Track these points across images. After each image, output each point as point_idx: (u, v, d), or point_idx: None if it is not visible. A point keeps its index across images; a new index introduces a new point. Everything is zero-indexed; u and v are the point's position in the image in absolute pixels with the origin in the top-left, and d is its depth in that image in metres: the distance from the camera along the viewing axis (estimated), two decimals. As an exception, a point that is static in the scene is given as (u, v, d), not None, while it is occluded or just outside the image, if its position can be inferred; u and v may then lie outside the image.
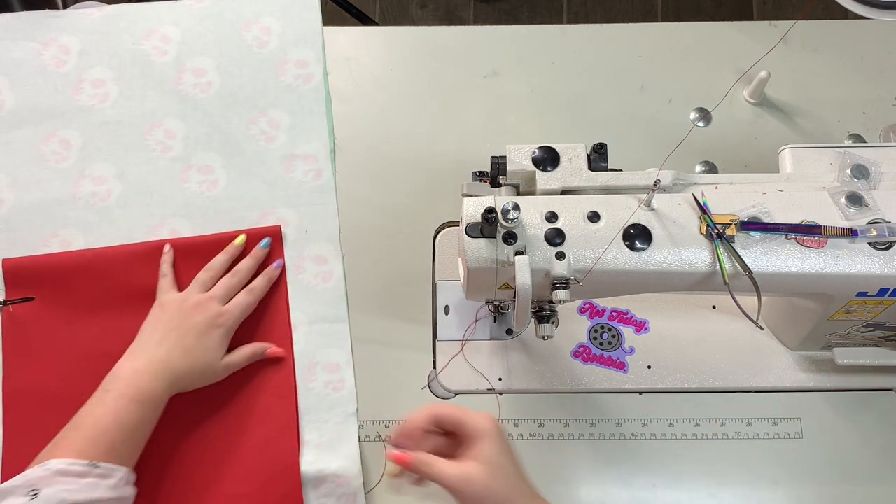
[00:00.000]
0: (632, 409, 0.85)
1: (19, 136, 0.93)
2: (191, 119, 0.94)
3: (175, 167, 0.93)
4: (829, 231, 0.69)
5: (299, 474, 0.81)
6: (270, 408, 0.84)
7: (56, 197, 0.91)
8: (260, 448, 0.82)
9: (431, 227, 0.92)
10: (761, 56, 0.83)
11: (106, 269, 0.87)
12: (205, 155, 0.93)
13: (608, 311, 0.88)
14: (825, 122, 0.95)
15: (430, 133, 0.96)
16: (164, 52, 0.97)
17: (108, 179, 0.92)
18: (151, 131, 0.94)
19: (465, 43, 1.01)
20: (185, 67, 0.96)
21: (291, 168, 0.93)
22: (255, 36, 0.98)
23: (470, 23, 1.90)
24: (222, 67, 0.96)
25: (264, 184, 0.92)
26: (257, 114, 0.95)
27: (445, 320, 0.88)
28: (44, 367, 0.85)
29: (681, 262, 0.69)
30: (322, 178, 0.93)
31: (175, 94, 0.95)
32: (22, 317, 0.86)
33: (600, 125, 0.96)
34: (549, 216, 0.70)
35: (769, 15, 1.89)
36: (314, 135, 0.94)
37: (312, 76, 0.96)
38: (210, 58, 0.97)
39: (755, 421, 0.84)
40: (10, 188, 0.91)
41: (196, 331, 0.81)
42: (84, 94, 0.95)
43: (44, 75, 0.95)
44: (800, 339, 0.83)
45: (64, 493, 0.68)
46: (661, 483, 0.82)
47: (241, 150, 0.94)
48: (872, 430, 0.83)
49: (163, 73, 0.96)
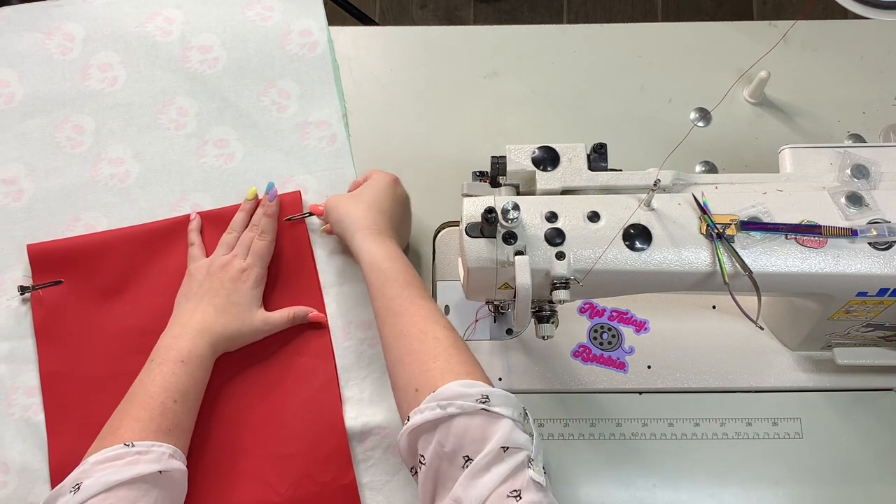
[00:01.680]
0: (632, 409, 0.85)
1: (32, 126, 0.94)
2: (201, 95, 0.96)
3: (191, 143, 0.94)
4: (829, 231, 0.69)
5: (345, 430, 0.82)
6: (310, 369, 0.85)
7: (75, 182, 0.92)
8: (303, 408, 0.84)
9: (431, 227, 0.92)
10: (761, 56, 0.83)
11: (131, 248, 0.89)
12: (219, 129, 0.95)
13: (608, 311, 0.88)
14: (825, 122, 0.95)
15: (430, 133, 0.96)
16: (169, 33, 0.97)
17: (126, 161, 0.93)
18: (164, 110, 0.95)
19: (465, 43, 1.01)
20: (191, 45, 0.97)
21: (306, 135, 0.95)
22: (258, 12, 0.99)
23: (470, 23, 1.90)
24: (227, 43, 0.97)
25: (280, 153, 0.94)
26: (266, 85, 0.96)
27: (445, 320, 0.88)
28: (78, 348, 0.86)
29: (681, 262, 0.69)
30: (337, 142, 0.95)
31: (183, 73, 0.96)
32: (52, 301, 0.87)
33: (600, 125, 0.96)
34: (549, 216, 0.70)
35: (769, 15, 1.89)
36: (325, 101, 0.96)
37: (317, 44, 0.98)
38: (214, 34, 0.98)
39: (755, 421, 0.84)
40: (29, 177, 0.92)
41: (225, 289, 0.83)
42: (93, 80, 0.96)
43: (50, 64, 0.96)
44: (800, 339, 0.83)
45: (104, 477, 0.68)
46: (661, 483, 0.82)
47: (254, 122, 0.95)
48: (872, 430, 0.83)
49: (169, 52, 0.97)
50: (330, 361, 0.85)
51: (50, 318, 0.86)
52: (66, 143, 0.94)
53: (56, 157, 0.93)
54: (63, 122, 0.94)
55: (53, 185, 0.92)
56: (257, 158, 0.94)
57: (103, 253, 0.88)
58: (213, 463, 0.81)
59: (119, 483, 0.68)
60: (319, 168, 0.93)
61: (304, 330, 0.87)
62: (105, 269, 0.88)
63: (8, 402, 0.84)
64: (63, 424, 0.83)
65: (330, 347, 0.86)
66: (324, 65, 0.97)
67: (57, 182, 0.92)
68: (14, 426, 0.83)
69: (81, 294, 0.87)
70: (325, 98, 0.96)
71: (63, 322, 0.87)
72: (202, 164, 0.93)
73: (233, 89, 0.96)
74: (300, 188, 0.92)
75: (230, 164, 0.93)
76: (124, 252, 0.89)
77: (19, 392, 0.85)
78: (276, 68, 0.97)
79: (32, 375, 0.85)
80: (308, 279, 0.89)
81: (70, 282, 0.88)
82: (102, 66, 0.96)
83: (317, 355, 0.86)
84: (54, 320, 0.87)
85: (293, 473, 0.81)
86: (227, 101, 0.95)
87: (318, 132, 0.95)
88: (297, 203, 0.91)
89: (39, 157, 0.93)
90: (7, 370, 0.86)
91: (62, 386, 0.85)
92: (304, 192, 0.92)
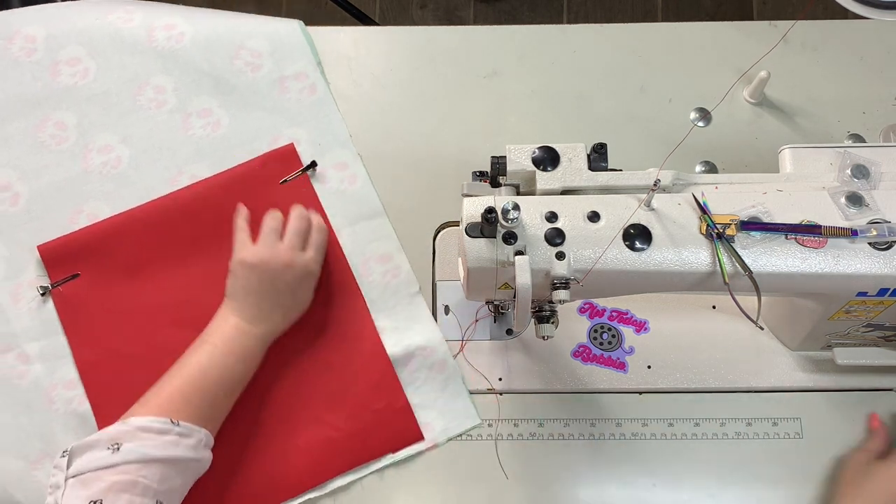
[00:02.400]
0: (632, 409, 0.85)
1: (13, 130, 0.94)
2: (175, 71, 0.96)
3: (175, 119, 0.95)
4: (829, 231, 0.69)
5: (388, 357, 0.85)
6: (342, 309, 0.88)
7: (67, 176, 0.92)
8: (344, 347, 0.87)
9: (431, 227, 0.92)
10: (761, 56, 0.83)
11: (140, 227, 0.90)
12: (200, 100, 0.95)
13: (608, 311, 0.88)
14: (825, 122, 0.95)
15: (430, 133, 0.96)
16: (130, 21, 0.98)
17: (115, 147, 0.94)
18: (141, 92, 0.95)
19: (465, 43, 1.01)
20: (154, 26, 0.97)
21: (285, 90, 0.96)
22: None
23: (470, 23, 1.90)
24: (190, 19, 0.98)
25: (264, 111, 0.95)
26: (237, 48, 0.97)
27: (445, 320, 0.88)
28: (109, 335, 0.87)
29: (681, 262, 0.69)
30: (318, 91, 0.96)
31: (152, 52, 0.96)
32: (73, 295, 0.88)
33: (600, 125, 0.96)
34: (549, 216, 0.70)
35: (769, 15, 1.89)
36: (297, 52, 0.97)
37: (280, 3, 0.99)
38: (176, 13, 0.98)
39: (755, 421, 0.84)
40: (22, 181, 0.92)
41: (290, 289, 0.84)
42: (63, 75, 0.96)
43: (17, 67, 0.96)
44: (800, 339, 0.83)
45: (144, 448, 0.69)
46: (661, 483, 0.82)
47: (232, 86, 0.96)
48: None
49: (134, 36, 0.97)
50: (359, 298, 0.88)
51: (75, 311, 0.88)
52: (50, 141, 0.94)
53: (44, 156, 0.93)
54: (43, 121, 0.94)
55: (47, 183, 0.92)
56: (243, 121, 0.94)
57: (114, 238, 0.89)
58: (269, 414, 0.84)
59: (156, 459, 0.69)
60: (306, 119, 0.95)
61: (328, 276, 0.89)
62: (119, 253, 0.89)
63: (50, 399, 0.85)
64: (110, 408, 0.84)
65: (356, 285, 0.89)
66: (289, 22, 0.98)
67: (50, 180, 0.92)
68: (62, 420, 0.85)
69: (101, 282, 0.88)
70: (296, 49, 0.97)
71: (89, 312, 0.88)
72: (191, 137, 0.94)
73: (204, 59, 0.96)
74: (292, 141, 0.93)
75: (218, 132, 0.94)
76: (134, 232, 0.90)
77: (59, 387, 0.86)
78: (242, 31, 0.97)
79: (69, 369, 0.86)
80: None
81: (87, 273, 0.89)
82: (71, 61, 0.96)
83: (344, 294, 0.88)
84: (80, 312, 0.88)
85: (348, 408, 0.84)
86: (202, 71, 0.96)
87: (297, 84, 0.96)
88: (293, 155, 0.92)
89: (27, 158, 0.93)
90: (43, 369, 0.86)
91: (101, 372, 0.86)
92: (297, 144, 0.93)
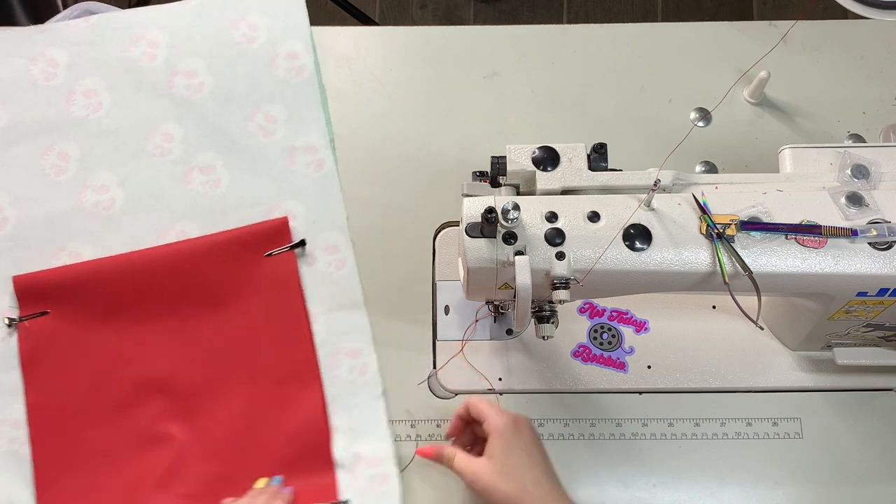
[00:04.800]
0: (632, 409, 0.85)
1: (16, 153, 0.92)
2: (187, 121, 0.94)
3: (177, 170, 0.92)
4: (829, 231, 0.69)
5: (332, 459, 0.82)
6: (297, 398, 0.84)
7: (60, 210, 0.90)
8: (290, 438, 0.83)
9: (431, 227, 0.92)
10: (761, 56, 0.84)
11: (118, 277, 0.87)
12: (205, 155, 0.93)
13: (608, 311, 0.88)
14: (825, 122, 0.95)
15: (430, 133, 0.96)
16: (154, 57, 0.96)
17: (111, 188, 0.92)
18: (149, 136, 0.93)
19: (465, 43, 1.01)
20: (177, 70, 0.96)
21: (293, 161, 0.93)
22: (243, 33, 0.97)
23: (470, 23, 1.90)
24: (213, 67, 0.96)
25: (268, 178, 0.92)
26: (253, 110, 0.95)
27: (445, 320, 0.88)
28: (65, 380, 0.84)
29: (681, 262, 0.69)
30: (324, 168, 0.93)
31: (169, 98, 0.95)
32: (38, 332, 0.85)
33: (600, 125, 0.96)
34: (549, 216, 0.70)
35: (769, 15, 1.89)
36: (312, 125, 0.95)
37: (304, 68, 0.96)
38: (200, 58, 0.96)
39: (755, 421, 0.84)
40: (13, 206, 0.91)
41: None
42: (77, 105, 0.94)
43: (34, 90, 0.94)
44: (800, 339, 0.83)
45: None
46: (661, 483, 0.82)
47: (240, 147, 0.93)
48: (872, 430, 0.83)
49: (154, 77, 0.95)
50: (317, 389, 0.84)
51: (36, 350, 0.85)
52: (50, 171, 0.92)
53: (41, 185, 0.91)
54: (48, 150, 0.92)
55: (38, 213, 0.90)
56: (244, 184, 0.92)
57: (90, 282, 0.86)
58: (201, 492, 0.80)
59: None
60: (307, 193, 0.92)
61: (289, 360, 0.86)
62: (92, 298, 0.86)
63: None
64: (50, 457, 0.82)
65: (317, 375, 0.85)
66: (311, 89, 0.96)
67: (41, 210, 0.90)
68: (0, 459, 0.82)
69: (68, 325, 0.86)
70: (312, 122, 0.94)
71: (50, 353, 0.85)
72: (189, 191, 0.91)
73: (219, 114, 0.94)
74: (287, 214, 0.90)
75: (216, 191, 0.92)
76: (111, 281, 0.87)
77: (6, 424, 0.83)
78: (262, 92, 0.95)
79: (19, 408, 0.83)
80: (295, 309, 0.87)
81: (56, 312, 0.86)
82: (87, 92, 0.95)
83: (304, 383, 0.85)
84: (41, 351, 0.85)
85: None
86: (214, 126, 0.94)
87: (306, 158, 0.93)
88: (285, 229, 0.89)
89: (23, 184, 0.91)
90: None
91: (49, 418, 0.83)
92: (291, 219, 0.90)
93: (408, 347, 0.88)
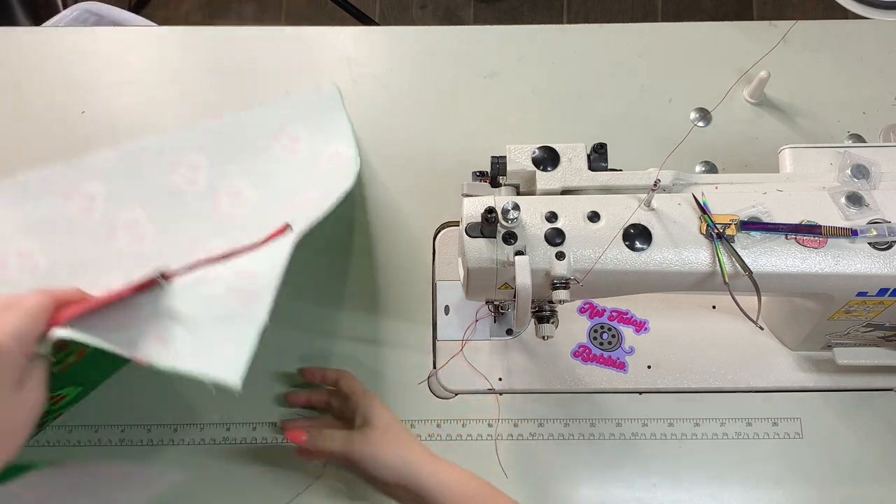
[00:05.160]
0: (632, 409, 0.85)
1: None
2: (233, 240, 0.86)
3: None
4: (829, 231, 0.69)
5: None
6: None
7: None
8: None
9: (431, 227, 0.92)
10: (761, 56, 0.84)
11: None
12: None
13: (608, 311, 0.88)
14: (825, 122, 0.95)
15: (430, 133, 0.96)
16: (194, 182, 0.90)
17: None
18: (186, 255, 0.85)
19: (465, 43, 1.01)
20: (220, 192, 0.90)
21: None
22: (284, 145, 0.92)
23: (470, 23, 1.90)
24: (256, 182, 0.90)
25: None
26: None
27: (445, 320, 0.88)
28: None
29: (681, 262, 0.69)
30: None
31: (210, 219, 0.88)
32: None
33: (600, 125, 0.96)
34: (549, 216, 0.70)
35: (769, 15, 1.89)
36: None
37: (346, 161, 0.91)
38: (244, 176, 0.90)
39: (755, 421, 0.84)
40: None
41: None
42: (119, 241, 0.87)
43: (73, 229, 0.87)
44: (800, 339, 0.83)
45: None
46: (661, 483, 0.82)
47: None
48: (872, 430, 0.83)
49: (197, 202, 0.89)
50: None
51: None
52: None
53: None
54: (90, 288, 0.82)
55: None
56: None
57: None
58: None
59: None
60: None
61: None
62: None
63: None
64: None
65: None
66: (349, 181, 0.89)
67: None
68: None
69: None
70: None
71: None
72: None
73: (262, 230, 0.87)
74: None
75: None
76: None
77: None
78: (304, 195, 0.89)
79: None
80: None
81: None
82: (128, 225, 0.88)
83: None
84: None
85: None
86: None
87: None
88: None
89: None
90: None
91: None
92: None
93: (408, 347, 0.88)
